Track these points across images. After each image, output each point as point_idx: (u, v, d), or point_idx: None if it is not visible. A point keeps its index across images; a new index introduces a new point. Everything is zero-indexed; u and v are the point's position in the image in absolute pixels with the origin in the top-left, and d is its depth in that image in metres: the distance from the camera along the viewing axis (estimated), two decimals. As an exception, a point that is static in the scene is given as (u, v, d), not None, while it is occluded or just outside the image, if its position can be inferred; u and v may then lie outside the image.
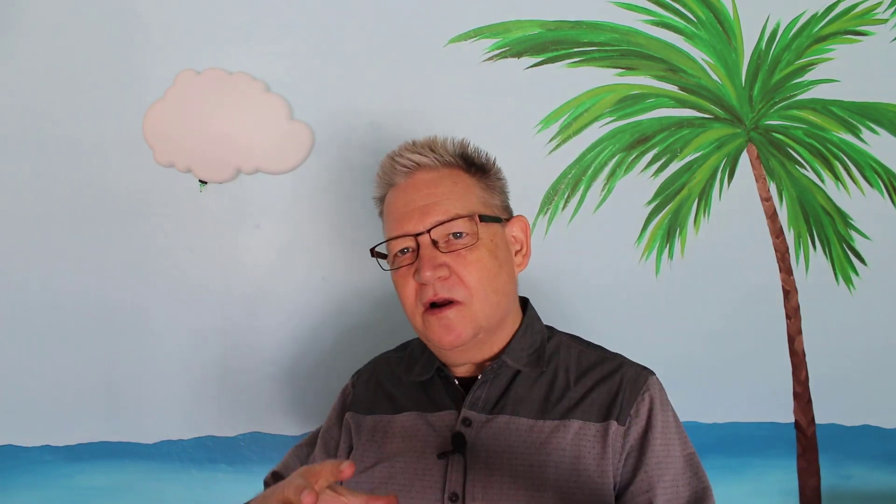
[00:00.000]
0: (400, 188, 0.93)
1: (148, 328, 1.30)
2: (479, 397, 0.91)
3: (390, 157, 0.95)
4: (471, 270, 0.88)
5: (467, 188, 0.92)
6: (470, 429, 0.89)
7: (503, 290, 0.91)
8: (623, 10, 1.27)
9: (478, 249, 0.88)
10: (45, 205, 1.27)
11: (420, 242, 0.88)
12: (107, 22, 1.24)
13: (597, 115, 1.29)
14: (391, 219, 0.93)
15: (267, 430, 1.33)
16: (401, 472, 0.90)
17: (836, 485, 1.37)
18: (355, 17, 1.26)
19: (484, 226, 0.90)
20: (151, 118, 1.23)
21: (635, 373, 0.91)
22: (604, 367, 0.92)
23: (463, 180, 0.93)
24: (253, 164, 1.25)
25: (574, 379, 0.91)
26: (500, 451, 0.87)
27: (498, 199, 0.96)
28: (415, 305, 0.90)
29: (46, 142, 1.26)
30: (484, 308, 0.88)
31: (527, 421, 0.88)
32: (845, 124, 1.31)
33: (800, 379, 1.35)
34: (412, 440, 0.92)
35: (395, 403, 0.97)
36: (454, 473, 0.87)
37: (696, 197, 1.31)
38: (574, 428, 0.87)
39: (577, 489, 0.84)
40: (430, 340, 0.91)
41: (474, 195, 0.92)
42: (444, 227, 0.88)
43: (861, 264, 1.33)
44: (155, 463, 1.32)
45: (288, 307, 1.30)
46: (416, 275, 0.88)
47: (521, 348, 0.93)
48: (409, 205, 0.90)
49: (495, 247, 0.91)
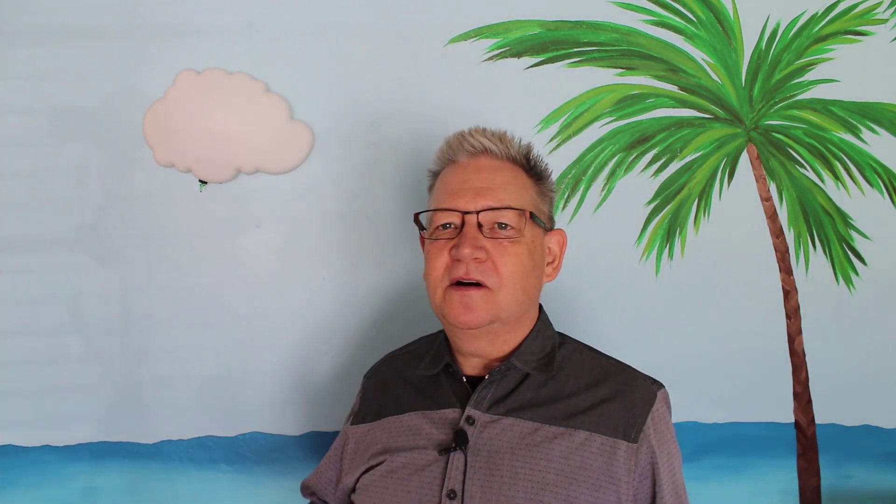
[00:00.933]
0: (460, 166, 0.94)
1: (148, 328, 1.30)
2: (484, 396, 0.90)
3: (460, 135, 0.96)
4: (508, 261, 0.88)
5: (524, 186, 0.94)
6: (473, 427, 0.89)
7: (530, 290, 0.92)
8: (623, 10, 1.27)
9: (519, 244, 0.89)
10: (44, 205, 1.27)
11: (466, 221, 0.89)
12: (106, 22, 1.24)
13: (597, 115, 1.29)
14: (444, 191, 0.93)
15: (267, 430, 1.33)
16: (401, 466, 0.90)
17: (836, 485, 1.37)
18: (355, 17, 1.26)
19: (531, 225, 0.91)
20: (151, 118, 1.23)
21: (646, 387, 0.92)
22: (616, 380, 0.92)
23: (522, 178, 0.94)
24: (253, 164, 1.25)
25: (584, 387, 0.91)
26: (502, 451, 0.87)
27: (547, 208, 0.98)
28: (440, 278, 0.90)
29: (46, 142, 1.26)
30: (509, 301, 0.88)
31: (531, 424, 0.88)
32: (845, 124, 1.31)
33: (800, 379, 1.35)
34: (415, 437, 0.92)
35: (400, 404, 0.97)
36: (454, 470, 0.87)
37: (696, 197, 1.32)
38: (580, 438, 0.87)
39: (575, 498, 0.84)
40: (446, 317, 0.90)
41: (529, 195, 0.94)
42: (494, 213, 0.89)
43: (861, 264, 1.33)
44: (155, 463, 1.32)
45: (288, 307, 1.30)
46: (453, 250, 0.88)
47: (531, 352, 0.93)
48: (465, 182, 0.91)
49: (534, 248, 0.92)
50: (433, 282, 0.91)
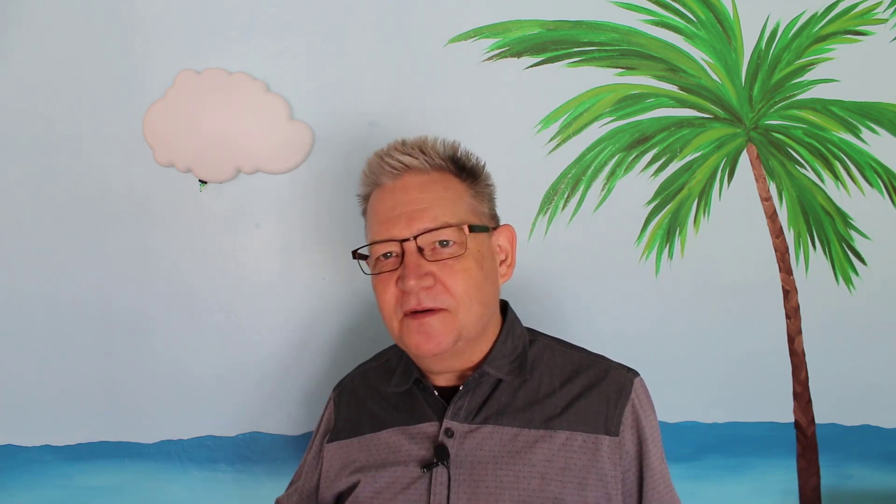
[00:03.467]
0: (387, 189, 0.90)
1: (148, 328, 1.30)
2: (461, 407, 0.89)
3: (378, 155, 0.92)
4: (457, 280, 0.85)
5: (457, 195, 0.89)
6: (453, 440, 0.87)
7: (487, 300, 0.89)
8: (623, 10, 1.27)
9: (465, 259, 0.85)
10: (45, 205, 1.27)
11: (405, 249, 0.85)
12: (106, 21, 1.24)
13: (597, 115, 1.29)
14: (376, 221, 0.90)
15: (267, 430, 1.33)
16: (385, 486, 0.88)
17: (836, 485, 1.37)
18: (355, 16, 1.26)
19: (472, 235, 0.87)
20: (151, 118, 1.23)
21: (621, 377, 0.90)
22: (589, 373, 0.91)
23: (453, 186, 0.90)
24: (253, 164, 1.25)
25: (559, 384, 0.90)
26: (484, 461, 0.85)
27: (486, 207, 0.93)
28: (393, 311, 0.87)
29: (46, 142, 1.26)
30: (468, 318, 0.86)
31: (511, 430, 0.86)
32: (845, 124, 1.31)
33: (800, 379, 1.35)
34: (396, 454, 0.90)
35: (377, 420, 0.95)
36: (438, 486, 0.85)
37: (696, 197, 1.31)
38: (561, 438, 0.86)
39: (562, 500, 0.83)
40: (408, 347, 0.88)
41: (464, 203, 0.89)
42: (431, 234, 0.85)
43: (861, 264, 1.33)
44: (155, 463, 1.32)
45: (288, 307, 1.30)
46: (399, 282, 0.85)
47: (502, 356, 0.91)
48: (395, 208, 0.87)
49: (482, 257, 0.88)
50: (387, 315, 0.88)
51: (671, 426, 1.35)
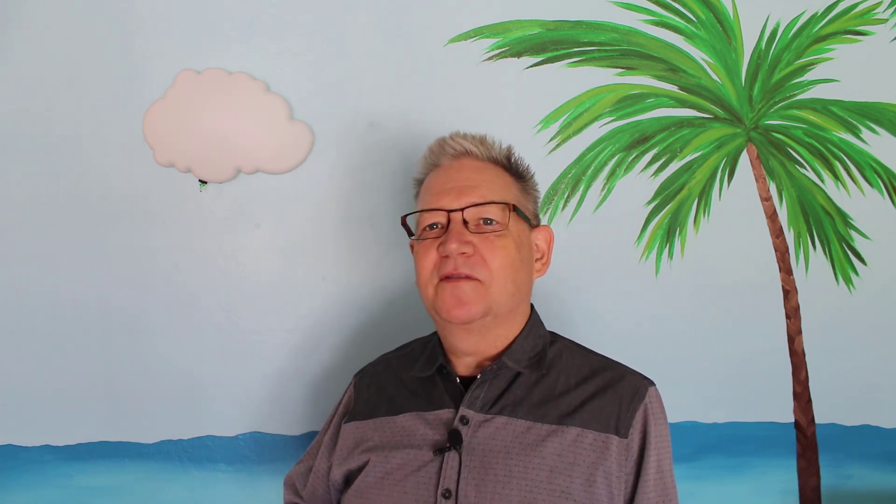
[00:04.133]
0: (443, 168, 0.96)
1: (148, 328, 1.30)
2: (477, 396, 0.91)
3: (440, 140, 0.97)
4: (496, 255, 0.88)
5: (507, 184, 0.95)
6: (467, 427, 0.89)
7: (520, 284, 0.92)
8: (623, 10, 1.27)
9: (505, 238, 0.90)
10: (45, 205, 1.27)
11: (452, 218, 0.90)
12: (106, 22, 1.24)
13: (597, 115, 1.29)
14: (428, 193, 0.95)
15: (267, 430, 1.33)
16: (397, 467, 0.90)
17: (836, 485, 1.37)
18: (355, 16, 1.26)
19: (515, 220, 0.92)
20: (151, 118, 1.23)
21: (636, 383, 0.92)
22: (605, 376, 0.92)
23: (504, 177, 0.95)
24: (253, 164, 1.25)
25: (574, 384, 0.92)
26: (496, 450, 0.87)
27: (531, 205, 0.99)
28: (430, 276, 0.91)
29: (46, 142, 1.26)
30: (500, 293, 0.89)
31: (524, 423, 0.88)
32: (845, 124, 1.31)
33: (800, 379, 1.35)
34: (410, 437, 0.92)
35: (395, 405, 0.97)
36: (449, 470, 0.87)
37: (696, 197, 1.31)
38: (572, 434, 0.87)
39: (568, 494, 0.84)
40: (439, 312, 0.90)
41: (512, 191, 0.95)
42: (478, 209, 0.90)
43: (861, 264, 1.33)
44: (155, 463, 1.32)
45: (288, 307, 1.30)
46: (440, 247, 0.88)
47: (522, 350, 0.94)
48: (448, 182, 0.93)
49: (521, 242, 0.92)
50: (424, 280, 0.92)
51: (671, 426, 1.35)
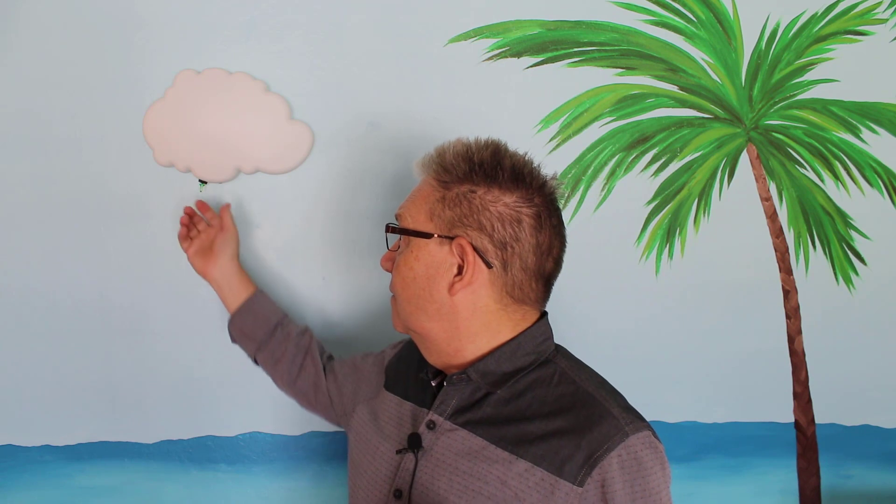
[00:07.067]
0: None
1: (148, 328, 1.30)
2: (448, 404, 0.88)
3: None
4: (395, 272, 0.91)
5: (427, 194, 0.88)
6: (432, 432, 0.88)
7: (418, 303, 0.87)
8: (623, 10, 1.27)
9: (402, 255, 0.90)
10: (44, 205, 1.27)
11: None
12: (106, 22, 1.24)
13: (597, 115, 1.29)
14: None
15: (267, 430, 1.33)
16: (363, 448, 0.97)
17: (836, 485, 1.37)
18: (355, 17, 1.26)
19: (407, 237, 0.88)
20: (151, 118, 1.23)
21: (612, 430, 0.79)
22: (581, 414, 0.81)
23: (428, 187, 0.89)
24: (253, 164, 1.25)
25: (544, 413, 0.83)
26: (446, 462, 0.85)
27: (449, 213, 0.86)
28: None
29: (46, 142, 1.26)
30: (403, 311, 0.91)
31: (481, 441, 0.84)
32: (845, 124, 1.31)
33: (800, 379, 1.35)
34: (392, 424, 0.95)
35: (404, 389, 1.00)
36: (403, 471, 0.87)
37: (696, 197, 1.32)
38: (521, 467, 0.80)
39: None
40: None
41: (427, 204, 0.87)
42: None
43: (861, 264, 1.33)
44: (155, 463, 1.32)
45: (288, 307, 1.30)
46: None
47: (487, 366, 0.87)
48: None
49: (415, 259, 0.87)
50: None
51: (671, 426, 1.36)
